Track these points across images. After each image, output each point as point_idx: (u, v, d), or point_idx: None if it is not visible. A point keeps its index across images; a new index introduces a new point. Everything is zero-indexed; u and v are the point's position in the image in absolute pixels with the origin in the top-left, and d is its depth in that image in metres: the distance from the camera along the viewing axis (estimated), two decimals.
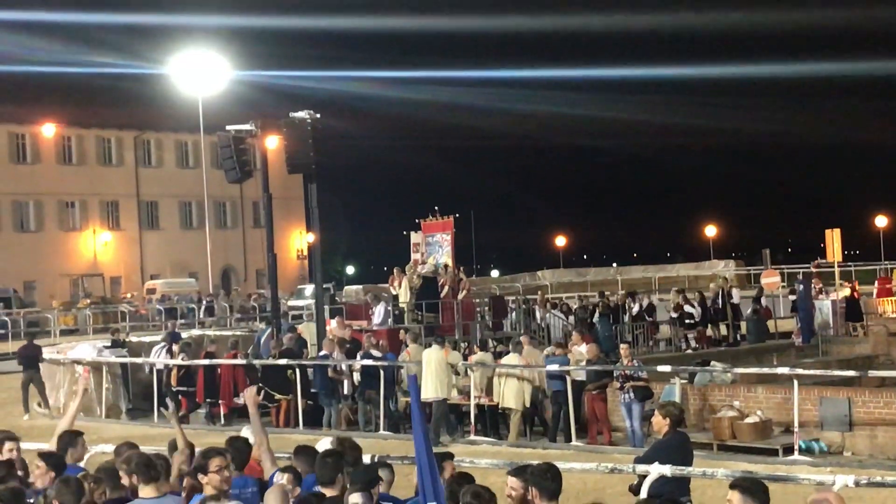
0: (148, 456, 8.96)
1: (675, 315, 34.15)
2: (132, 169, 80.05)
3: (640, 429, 21.38)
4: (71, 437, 10.56)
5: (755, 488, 7.18)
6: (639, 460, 11.61)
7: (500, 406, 22.87)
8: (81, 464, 10.42)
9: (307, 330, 29.09)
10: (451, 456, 9.71)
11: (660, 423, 11.47)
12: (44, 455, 9.90)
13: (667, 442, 11.50)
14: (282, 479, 8.84)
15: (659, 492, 10.46)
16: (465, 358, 24.87)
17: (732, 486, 7.27)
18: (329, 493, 8.52)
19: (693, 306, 34.24)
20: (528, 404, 22.82)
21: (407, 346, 25.16)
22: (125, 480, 8.89)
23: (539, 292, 44.51)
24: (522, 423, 22.97)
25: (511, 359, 23.48)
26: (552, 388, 22.73)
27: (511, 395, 22.47)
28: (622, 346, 23.87)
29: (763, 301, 37.23)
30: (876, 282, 46.55)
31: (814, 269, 59.90)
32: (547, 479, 7.83)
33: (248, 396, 11.07)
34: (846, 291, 38.57)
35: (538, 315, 34.07)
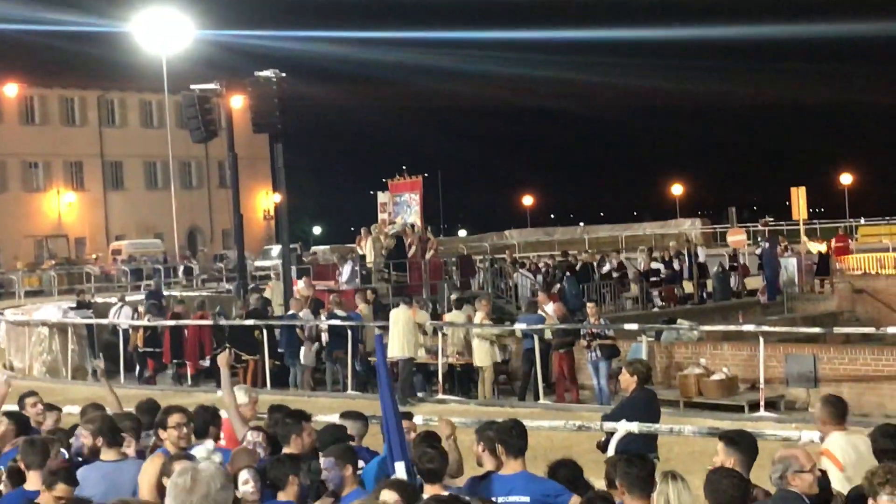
0: (113, 419, 8.91)
1: (616, 274, 34.34)
2: (96, 129, 79.35)
3: (608, 386, 21.45)
4: (20, 399, 10.53)
5: (740, 440, 7.20)
6: (606, 417, 11.65)
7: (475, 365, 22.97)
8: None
9: (277, 288, 29.05)
10: (409, 416, 9.71)
11: (627, 381, 11.49)
12: (7, 414, 9.85)
13: (634, 399, 11.53)
14: (257, 437, 8.82)
15: (626, 449, 10.48)
16: (438, 318, 24.86)
17: (720, 437, 7.31)
18: (287, 450, 8.50)
19: (659, 262, 34.54)
20: (494, 361, 22.80)
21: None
22: (88, 441, 8.83)
23: (507, 252, 44.50)
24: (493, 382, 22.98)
25: (454, 316, 23.63)
26: (524, 346, 22.73)
27: (480, 353, 22.47)
28: (589, 304, 23.91)
29: (740, 259, 37.58)
30: (833, 240, 46.89)
31: (762, 228, 60.47)
32: (512, 435, 7.83)
33: (221, 360, 11.04)
34: (822, 247, 38.78)
35: (507, 275, 34.07)
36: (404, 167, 35.15)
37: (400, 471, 7.48)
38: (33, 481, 7.81)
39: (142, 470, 7.94)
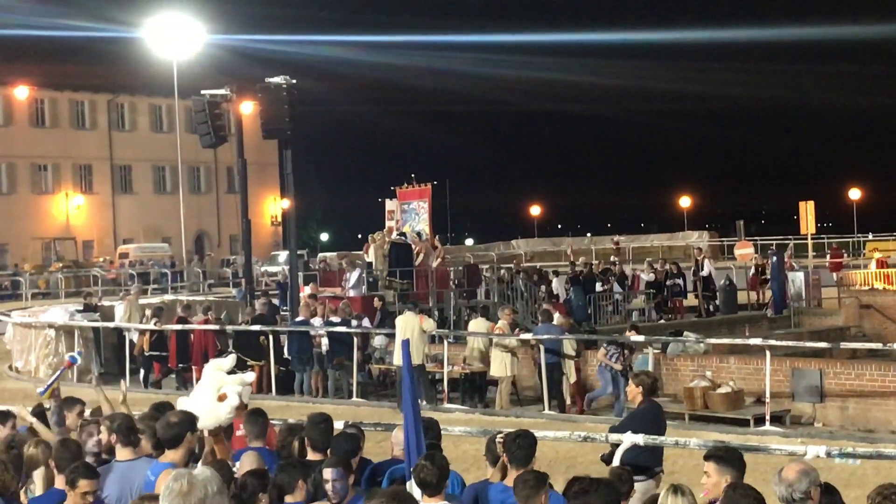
0: (132, 420, 8.94)
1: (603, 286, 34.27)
2: (105, 132, 79.51)
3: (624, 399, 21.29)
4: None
5: (730, 457, 7.14)
6: (613, 429, 11.59)
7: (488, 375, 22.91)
8: None
9: (132, 304, 28.76)
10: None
11: (633, 392, 11.46)
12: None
13: (642, 411, 11.49)
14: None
15: (632, 461, 10.46)
16: (444, 326, 24.81)
17: (707, 457, 7.18)
18: (317, 457, 8.48)
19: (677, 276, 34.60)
20: (513, 373, 22.51)
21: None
22: (104, 437, 8.87)
23: (514, 262, 44.49)
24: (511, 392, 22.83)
25: (477, 325, 23.53)
26: (547, 359, 22.33)
27: (497, 364, 22.27)
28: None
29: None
30: (828, 254, 47.03)
31: (614, 246, 60.65)
32: (516, 445, 7.82)
33: None
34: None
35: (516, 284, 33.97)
36: (413, 175, 35.17)
37: None
38: (62, 481, 7.87)
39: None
